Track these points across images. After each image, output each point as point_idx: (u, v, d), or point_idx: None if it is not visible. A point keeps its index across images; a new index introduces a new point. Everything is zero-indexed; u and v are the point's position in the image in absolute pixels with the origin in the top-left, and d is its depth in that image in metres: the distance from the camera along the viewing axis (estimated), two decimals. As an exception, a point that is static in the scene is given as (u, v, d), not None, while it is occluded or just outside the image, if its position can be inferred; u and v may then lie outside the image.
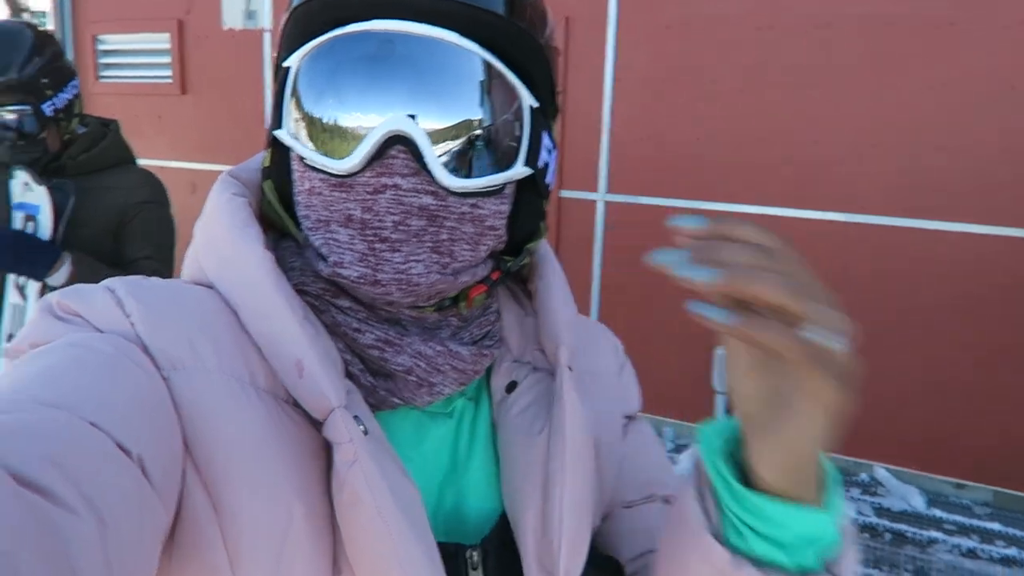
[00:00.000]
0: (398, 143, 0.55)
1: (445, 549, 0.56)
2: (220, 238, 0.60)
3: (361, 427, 0.53)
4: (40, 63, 1.80)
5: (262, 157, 0.66)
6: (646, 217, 3.80)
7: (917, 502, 3.33)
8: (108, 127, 1.99)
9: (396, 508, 0.51)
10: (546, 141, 0.63)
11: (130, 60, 5.14)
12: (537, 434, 0.60)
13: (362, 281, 0.56)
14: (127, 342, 0.51)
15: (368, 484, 0.51)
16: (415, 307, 0.61)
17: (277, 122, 0.60)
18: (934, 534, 3.11)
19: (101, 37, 5.16)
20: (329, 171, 0.57)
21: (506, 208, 0.62)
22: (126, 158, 2.01)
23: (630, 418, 0.75)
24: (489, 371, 0.67)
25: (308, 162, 0.59)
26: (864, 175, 3.37)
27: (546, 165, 0.64)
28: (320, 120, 0.57)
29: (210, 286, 0.60)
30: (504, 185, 0.61)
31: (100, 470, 0.42)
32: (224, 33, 4.65)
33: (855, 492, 3.41)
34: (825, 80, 3.38)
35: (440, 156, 0.56)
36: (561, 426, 0.59)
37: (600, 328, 0.78)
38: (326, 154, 0.57)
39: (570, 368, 0.63)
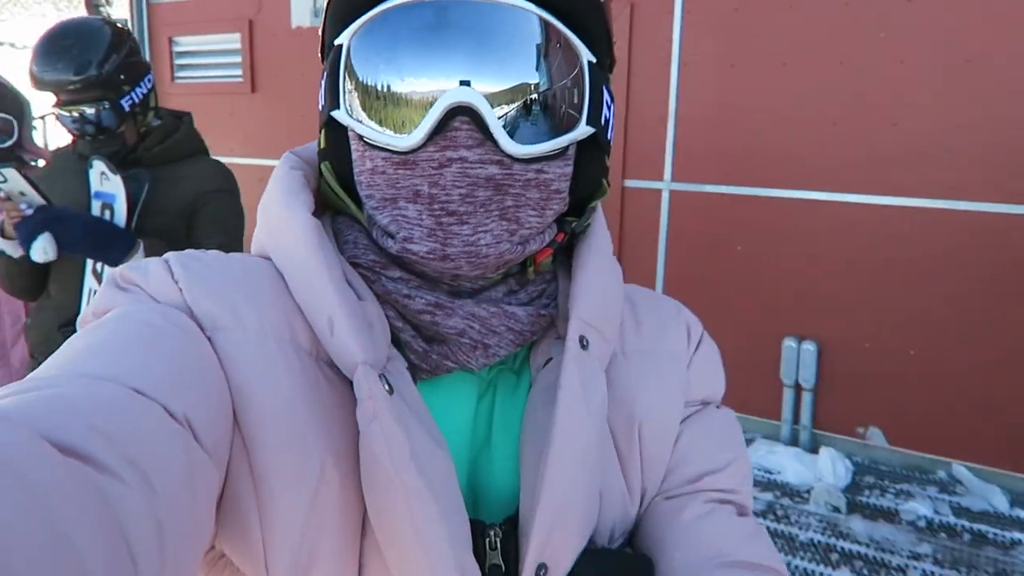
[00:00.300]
0: (460, 114, 0.55)
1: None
2: (271, 207, 0.62)
3: (386, 386, 0.52)
4: (118, 60, 1.86)
5: None
6: (713, 206, 3.73)
7: (999, 502, 3.17)
8: (181, 120, 2.06)
9: (416, 471, 0.50)
10: (606, 96, 0.62)
11: (203, 61, 5.30)
12: (545, 418, 0.58)
13: (431, 256, 0.56)
14: (174, 310, 0.54)
15: (387, 443, 0.50)
16: (482, 279, 0.61)
17: (332, 102, 0.60)
18: (1017, 535, 2.97)
19: (176, 39, 5.35)
20: (391, 149, 0.57)
21: (570, 170, 0.62)
22: (198, 149, 2.07)
23: (706, 404, 0.70)
24: (531, 346, 0.66)
25: (368, 141, 0.58)
26: (946, 159, 3.23)
27: (607, 121, 0.63)
28: (379, 96, 0.57)
29: (268, 258, 0.62)
30: (568, 147, 0.60)
31: (146, 436, 0.42)
32: (292, 32, 4.77)
33: (932, 491, 3.28)
34: (904, 59, 3.25)
35: (503, 123, 0.55)
36: (555, 411, 0.57)
37: (673, 306, 0.72)
38: (386, 130, 0.57)
39: (584, 344, 0.60)
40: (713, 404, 0.70)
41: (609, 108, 0.63)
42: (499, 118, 0.55)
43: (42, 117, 2.10)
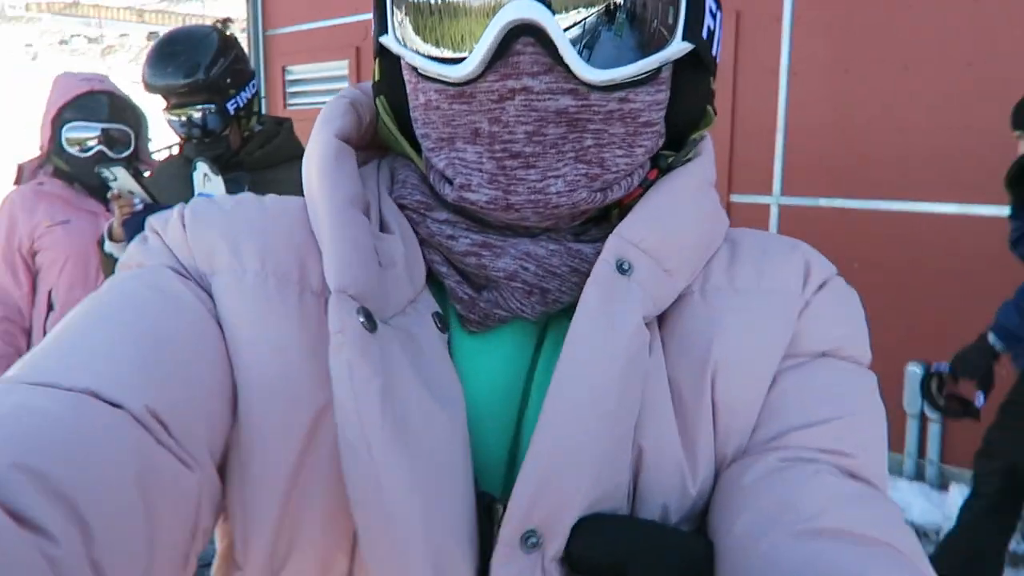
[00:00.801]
0: (523, 34, 0.46)
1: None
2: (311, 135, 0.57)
3: (362, 319, 0.45)
4: (224, 64, 1.92)
5: None
6: (826, 220, 3.52)
7: None
8: (281, 125, 2.09)
9: (390, 424, 0.43)
10: (709, 2, 0.52)
11: (314, 88, 5.53)
12: None
13: (493, 206, 0.49)
14: (172, 275, 0.50)
15: (353, 386, 0.43)
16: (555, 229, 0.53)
17: (381, 26, 0.53)
18: None
19: (289, 68, 5.59)
20: (445, 80, 0.49)
21: (664, 96, 0.52)
22: (297, 154, 2.09)
23: (824, 355, 0.54)
24: None
25: (421, 71, 0.51)
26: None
27: (711, 33, 0.53)
28: (431, 9, 0.49)
29: None
30: (660, 68, 0.51)
31: (86, 457, 0.38)
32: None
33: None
34: (1040, 62, 2.98)
35: (577, 41, 0.46)
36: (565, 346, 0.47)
37: (788, 243, 0.58)
38: (445, 50, 0.49)
39: (623, 269, 0.49)
40: (833, 358, 0.54)
41: (715, 17, 0.53)
42: (568, 30, 0.46)
43: (160, 149, 2.20)
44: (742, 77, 3.65)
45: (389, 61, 0.55)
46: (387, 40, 0.52)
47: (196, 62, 1.88)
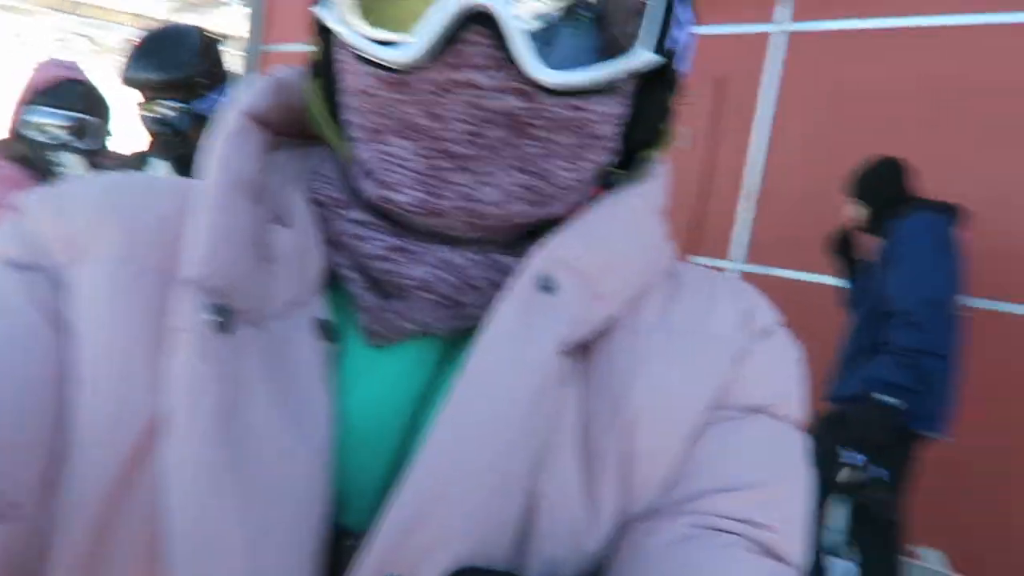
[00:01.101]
0: (475, 23, 0.41)
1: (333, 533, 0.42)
2: None
3: (210, 317, 0.40)
4: (200, 65, 1.91)
5: None
6: (787, 294, 3.54)
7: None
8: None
9: (215, 439, 0.38)
10: (681, 12, 0.48)
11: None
12: None
13: (417, 210, 0.44)
14: (8, 271, 0.45)
15: (188, 393, 0.39)
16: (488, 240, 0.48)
17: None
18: None
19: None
20: (382, 64, 0.44)
21: (622, 110, 0.48)
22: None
23: (756, 411, 0.49)
24: None
25: (357, 52, 0.45)
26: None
27: (680, 47, 0.49)
28: None
29: None
30: (620, 79, 0.46)
31: None
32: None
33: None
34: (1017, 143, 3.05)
35: (533, 39, 0.42)
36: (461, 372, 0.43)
37: (735, 287, 0.53)
38: (378, 39, 0.44)
39: (547, 287, 0.45)
40: (767, 415, 0.49)
41: (684, 30, 0.49)
42: (524, 24, 0.42)
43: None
44: (719, 141, 3.71)
45: (326, 40, 0.50)
46: (322, 12, 0.46)
47: (172, 60, 1.88)
